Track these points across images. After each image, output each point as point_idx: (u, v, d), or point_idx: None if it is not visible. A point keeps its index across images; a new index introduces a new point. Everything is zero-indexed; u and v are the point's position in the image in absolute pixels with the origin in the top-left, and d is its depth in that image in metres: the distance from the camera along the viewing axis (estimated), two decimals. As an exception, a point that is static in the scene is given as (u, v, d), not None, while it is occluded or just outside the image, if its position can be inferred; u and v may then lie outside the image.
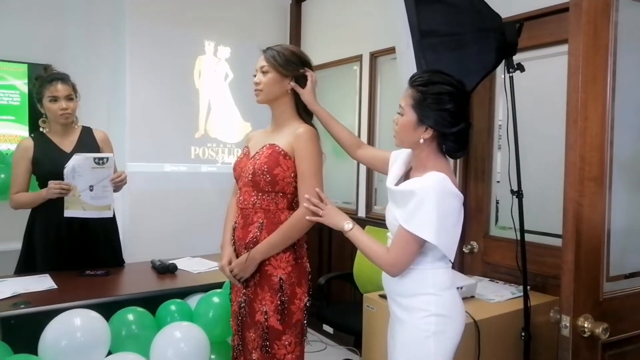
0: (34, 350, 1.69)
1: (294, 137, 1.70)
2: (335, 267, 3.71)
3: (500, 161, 2.70)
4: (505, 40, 2.08)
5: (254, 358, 1.70)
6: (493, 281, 2.56)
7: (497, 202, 2.73)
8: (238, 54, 3.97)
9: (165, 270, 2.39)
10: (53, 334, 1.69)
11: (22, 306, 1.84)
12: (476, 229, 2.78)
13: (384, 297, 2.16)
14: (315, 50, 3.95)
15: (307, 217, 1.64)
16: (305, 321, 1.73)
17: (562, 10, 2.29)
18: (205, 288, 2.17)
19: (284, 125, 1.77)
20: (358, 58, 3.64)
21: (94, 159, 2.25)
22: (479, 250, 2.76)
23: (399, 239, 1.45)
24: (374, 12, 3.48)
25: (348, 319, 2.76)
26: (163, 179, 3.66)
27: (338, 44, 3.82)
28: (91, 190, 2.26)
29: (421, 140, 1.46)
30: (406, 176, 1.57)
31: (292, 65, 1.75)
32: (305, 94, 1.77)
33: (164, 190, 3.64)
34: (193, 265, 2.51)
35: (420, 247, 1.44)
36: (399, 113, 1.50)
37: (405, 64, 2.16)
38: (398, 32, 2.26)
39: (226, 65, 3.96)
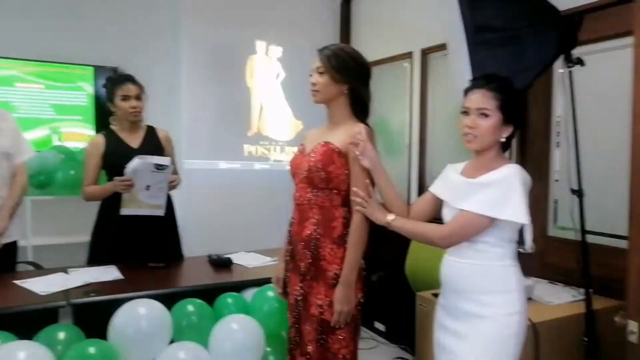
0: (102, 335, 1.80)
1: (348, 136, 1.72)
2: (387, 264, 3.71)
3: (559, 159, 2.61)
4: (564, 34, 2.02)
5: (309, 350, 1.73)
6: (552, 283, 2.48)
7: (556, 202, 2.64)
8: (289, 53, 4.03)
9: (222, 264, 2.47)
10: (121, 321, 1.80)
11: (93, 294, 1.96)
12: (533, 228, 2.69)
13: (437, 296, 2.15)
14: (365, 47, 3.92)
15: (356, 208, 1.69)
16: (359, 317, 1.75)
17: (626, 0, 2.19)
18: (260, 282, 2.22)
19: (339, 123, 1.79)
20: (409, 55, 3.62)
21: (155, 165, 2.36)
22: (536, 251, 2.68)
23: (459, 218, 1.53)
24: (425, 9, 3.44)
25: (400, 317, 2.75)
26: (218, 176, 3.78)
27: (388, 41, 3.80)
28: (147, 189, 2.38)
29: (502, 139, 1.56)
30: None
31: (348, 69, 1.75)
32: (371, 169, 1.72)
33: (219, 186, 3.75)
34: (247, 260, 2.58)
35: (478, 231, 1.50)
36: (484, 114, 1.52)
37: (458, 61, 2.14)
38: (450, 29, 2.24)
39: (278, 65, 4.03)
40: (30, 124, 3.40)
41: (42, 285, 2.01)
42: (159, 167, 2.37)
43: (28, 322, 1.82)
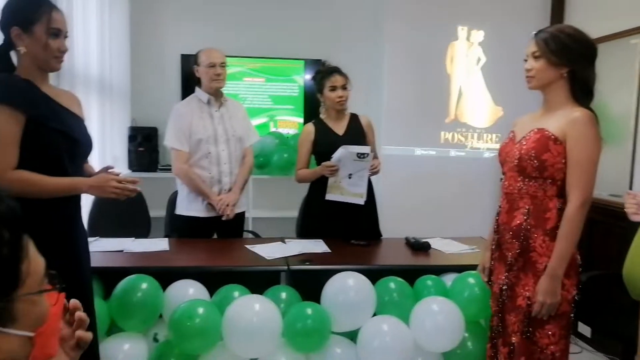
0: (311, 299, 2.02)
1: (567, 122, 1.62)
2: (599, 264, 3.34)
3: None
4: None
5: (513, 341, 1.70)
6: None
7: None
8: (492, 36, 3.86)
9: (420, 247, 2.53)
10: (333, 289, 2.01)
11: (307, 263, 2.22)
12: None
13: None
14: (582, 24, 3.52)
15: (633, 218, 1.56)
16: (572, 315, 1.65)
17: None
18: (459, 269, 2.24)
19: (556, 109, 1.69)
20: (639, 30, 3.15)
21: (357, 153, 2.54)
22: None
23: None
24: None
25: (613, 323, 2.48)
26: (414, 162, 3.85)
27: (612, 15, 3.36)
28: (350, 177, 2.58)
29: None
30: None
31: (568, 52, 1.64)
32: None
33: (414, 172, 3.83)
34: (444, 246, 2.60)
35: None
36: None
37: None
38: None
39: (479, 49, 3.90)
40: (253, 112, 3.92)
41: (267, 251, 2.35)
42: (360, 156, 2.54)
43: (256, 280, 2.15)
